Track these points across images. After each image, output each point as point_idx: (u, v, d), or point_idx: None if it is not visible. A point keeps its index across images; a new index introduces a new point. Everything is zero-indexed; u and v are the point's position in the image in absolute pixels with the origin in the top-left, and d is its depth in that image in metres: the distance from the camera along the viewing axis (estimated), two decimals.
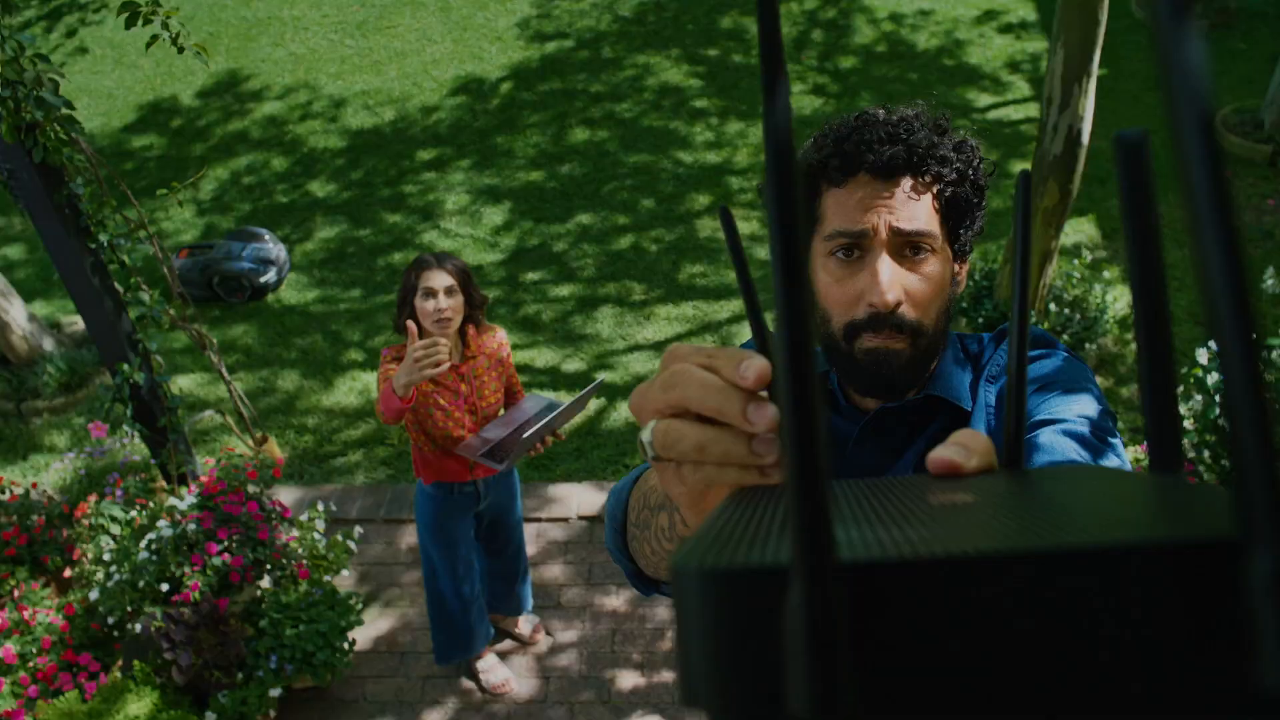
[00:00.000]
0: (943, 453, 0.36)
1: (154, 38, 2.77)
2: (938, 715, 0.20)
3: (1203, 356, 2.91)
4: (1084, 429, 0.82)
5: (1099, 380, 4.25)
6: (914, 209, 0.89)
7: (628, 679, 3.02)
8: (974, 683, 0.20)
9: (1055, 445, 0.80)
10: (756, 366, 0.38)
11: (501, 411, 2.62)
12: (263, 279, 5.29)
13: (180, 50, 2.79)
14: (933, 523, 0.24)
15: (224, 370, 3.50)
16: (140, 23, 2.65)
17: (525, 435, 2.31)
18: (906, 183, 0.89)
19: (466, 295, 2.37)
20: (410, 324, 2.15)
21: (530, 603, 3.11)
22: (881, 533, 0.23)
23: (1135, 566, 0.19)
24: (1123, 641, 0.19)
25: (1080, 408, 0.85)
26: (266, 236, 5.46)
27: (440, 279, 2.31)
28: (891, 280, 0.88)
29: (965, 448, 0.36)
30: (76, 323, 5.15)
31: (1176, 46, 0.19)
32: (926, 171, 0.89)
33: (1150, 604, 0.19)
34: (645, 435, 0.43)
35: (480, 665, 3.01)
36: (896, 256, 0.90)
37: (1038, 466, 0.38)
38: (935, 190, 0.90)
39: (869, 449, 0.97)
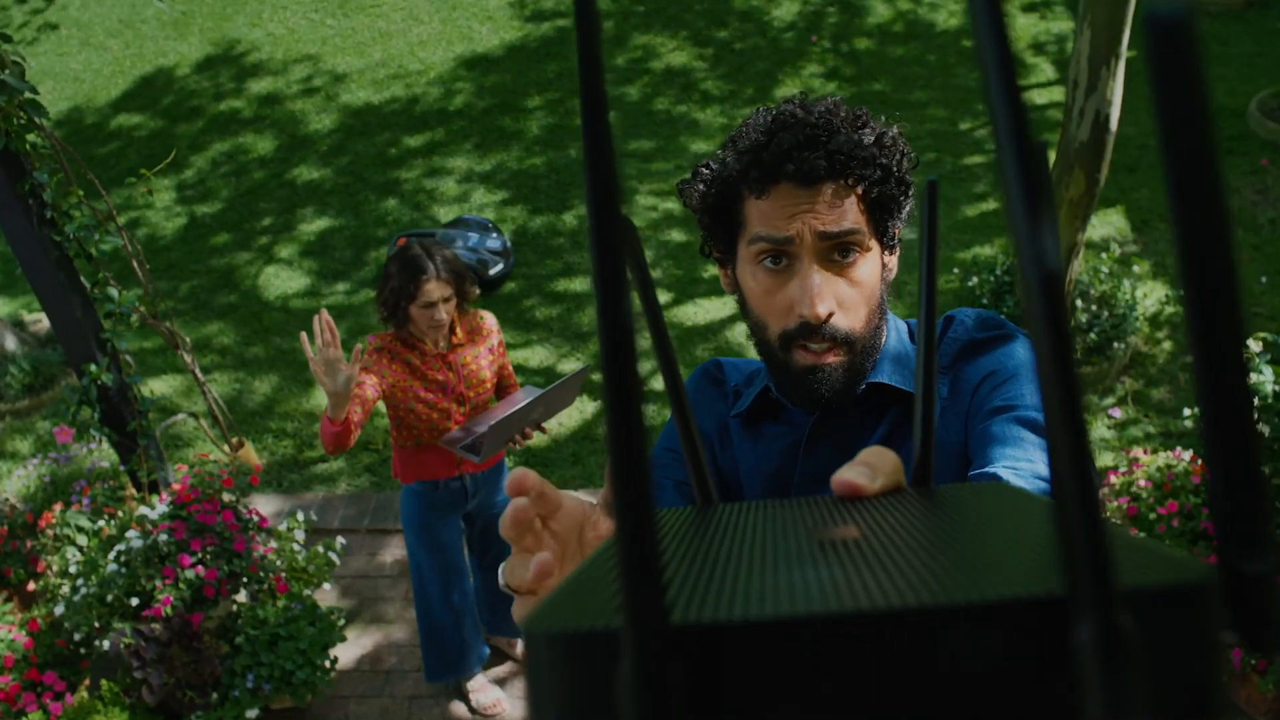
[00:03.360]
0: (846, 474, 0.37)
1: None
2: None
3: None
4: (1038, 416, 0.85)
5: (1128, 382, 4.26)
6: (838, 212, 0.91)
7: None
8: None
9: (1009, 435, 0.84)
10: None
11: (493, 404, 2.63)
12: (493, 271, 5.20)
13: None
14: (796, 571, 0.24)
15: (198, 371, 3.50)
16: None
17: (495, 421, 2.32)
18: (829, 188, 0.91)
19: (460, 294, 2.40)
20: (303, 335, 2.19)
21: None
22: (739, 583, 0.23)
23: (966, 626, 0.20)
24: (953, 704, 0.20)
25: (1035, 393, 0.88)
26: (490, 225, 5.38)
27: (439, 290, 2.33)
28: (821, 290, 0.91)
29: (871, 468, 0.38)
30: (41, 320, 5.15)
31: (1032, 238, 0.20)
32: (849, 175, 0.91)
33: (982, 664, 0.20)
34: (501, 579, 0.52)
35: (470, 685, 3.01)
36: (824, 262, 0.92)
37: (945, 486, 0.40)
38: (860, 191, 0.92)
39: (822, 450, 1.00)
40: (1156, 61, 0.20)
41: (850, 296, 0.93)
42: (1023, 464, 0.80)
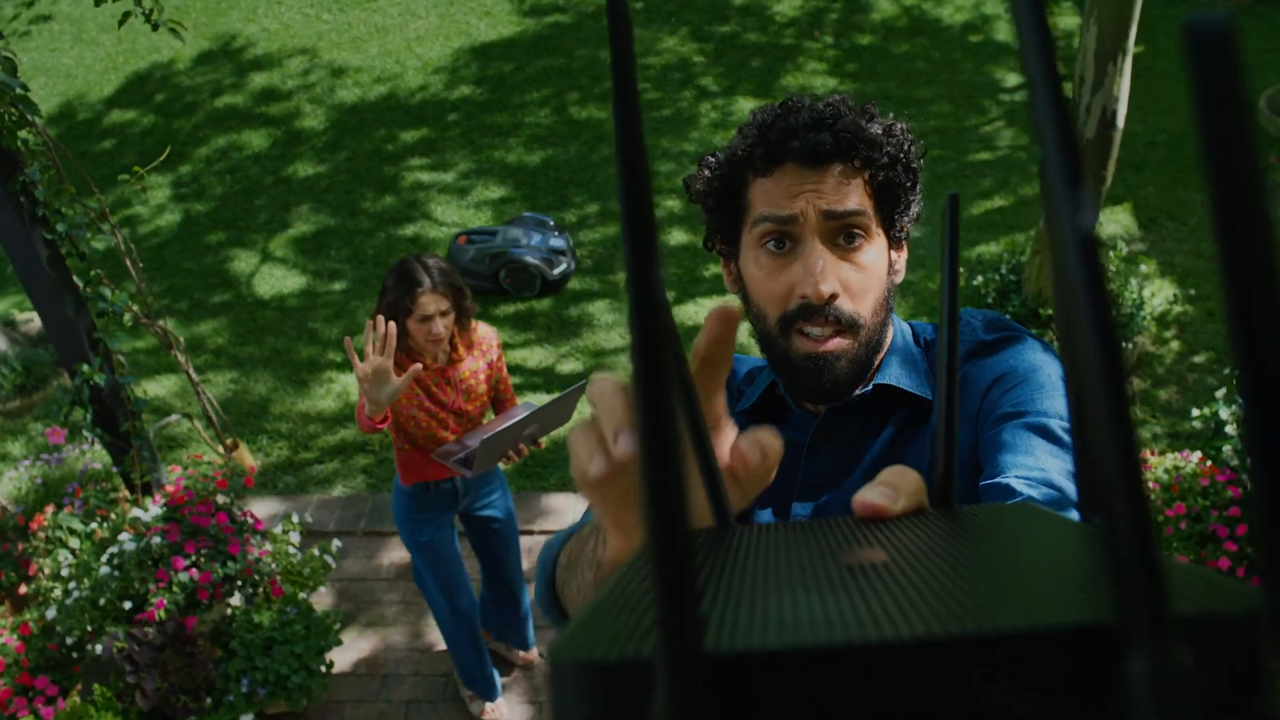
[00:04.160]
0: (868, 495, 0.37)
1: (126, 15, 2.78)
2: None
3: None
4: (1049, 421, 0.84)
5: (1135, 383, 4.26)
6: (844, 192, 0.90)
7: None
8: None
9: (1019, 442, 0.83)
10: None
11: (490, 416, 2.65)
12: (558, 270, 5.13)
13: (155, 28, 2.80)
14: (828, 596, 0.24)
15: (192, 371, 3.50)
16: None
17: (486, 437, 2.33)
18: (835, 169, 0.90)
19: (458, 308, 2.39)
20: (348, 341, 2.20)
21: (533, 633, 3.15)
22: (767, 610, 0.23)
23: (1010, 655, 0.20)
24: None
25: (1044, 397, 0.87)
26: (551, 223, 5.31)
27: (436, 303, 2.33)
28: (825, 270, 0.89)
29: (893, 488, 0.37)
30: (33, 320, 5.15)
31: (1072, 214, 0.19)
32: (855, 156, 0.90)
33: (1022, 696, 0.20)
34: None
35: (468, 690, 3.02)
36: (829, 245, 0.91)
37: (967, 508, 0.39)
38: (866, 175, 0.91)
39: (825, 453, 0.99)
40: (1196, 74, 0.19)
41: (856, 281, 0.91)
42: (1035, 473, 0.79)
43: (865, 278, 0.92)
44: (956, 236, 0.38)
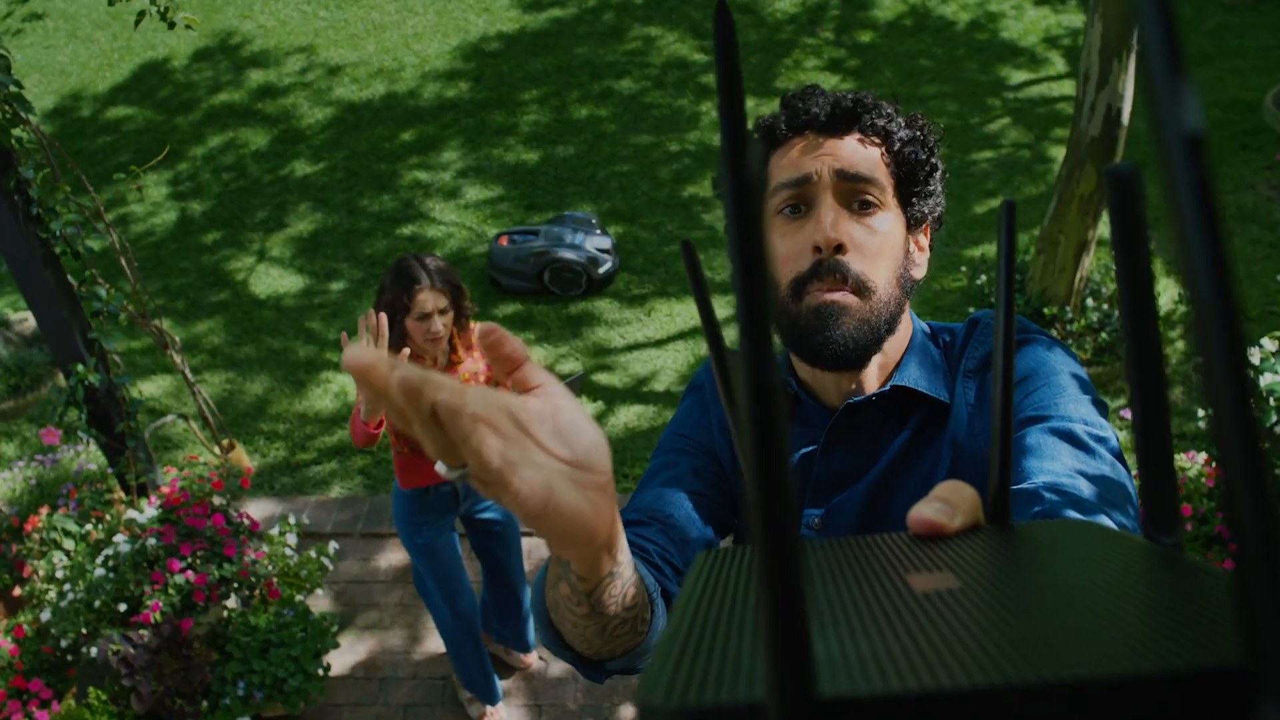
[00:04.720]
0: (925, 512, 0.36)
1: (141, 14, 2.79)
2: None
3: (1254, 356, 2.91)
4: (1073, 426, 0.83)
5: None
6: (860, 156, 0.92)
7: (630, 711, 3.03)
8: None
9: (1044, 447, 0.82)
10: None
11: None
12: (603, 270, 5.09)
13: (171, 25, 2.82)
14: (916, 629, 0.24)
15: (188, 372, 3.50)
16: None
17: None
18: (853, 137, 0.92)
19: (457, 307, 2.39)
20: (345, 336, 2.21)
21: (534, 636, 3.14)
22: (862, 645, 0.23)
23: (1137, 701, 0.20)
24: None
25: (1068, 401, 0.86)
26: (593, 221, 5.27)
27: (434, 300, 2.32)
28: (834, 221, 0.89)
29: (949, 504, 0.37)
30: (27, 319, 5.15)
31: (1171, 100, 0.19)
32: (872, 127, 0.92)
33: None
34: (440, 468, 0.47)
35: (466, 693, 3.02)
36: (843, 205, 0.92)
37: (1026, 524, 0.39)
38: (884, 149, 0.93)
39: (840, 451, 0.98)
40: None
41: (867, 241, 0.91)
42: (1062, 479, 0.78)
43: (877, 241, 0.91)
44: (1014, 243, 0.38)
